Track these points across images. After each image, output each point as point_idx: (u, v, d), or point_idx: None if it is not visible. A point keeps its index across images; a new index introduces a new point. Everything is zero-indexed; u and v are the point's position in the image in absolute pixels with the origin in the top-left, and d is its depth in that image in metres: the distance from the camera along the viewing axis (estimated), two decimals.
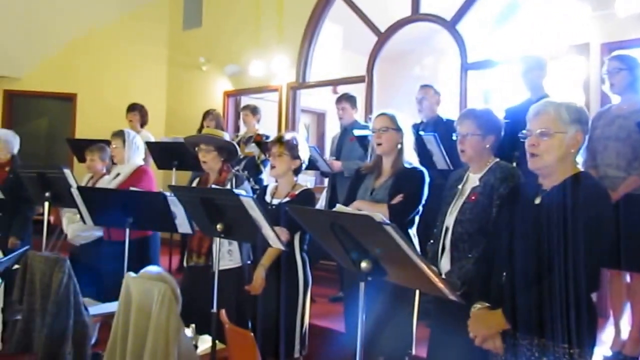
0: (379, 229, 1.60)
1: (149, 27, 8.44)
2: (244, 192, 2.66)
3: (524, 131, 2.04)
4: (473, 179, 2.59)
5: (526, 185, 2.16)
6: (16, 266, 3.23)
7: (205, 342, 3.09)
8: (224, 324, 2.64)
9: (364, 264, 1.81)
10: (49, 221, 4.22)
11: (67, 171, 3.77)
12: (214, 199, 2.71)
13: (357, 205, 3.00)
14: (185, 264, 3.79)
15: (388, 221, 1.61)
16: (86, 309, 3.37)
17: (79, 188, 3.61)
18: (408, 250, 1.60)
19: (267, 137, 5.78)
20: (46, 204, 3.98)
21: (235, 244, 3.60)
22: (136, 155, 4.38)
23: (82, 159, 4.99)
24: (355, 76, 6.56)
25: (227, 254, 3.63)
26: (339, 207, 1.99)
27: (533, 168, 2.04)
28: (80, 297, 3.31)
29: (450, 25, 5.64)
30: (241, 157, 5.72)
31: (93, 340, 3.54)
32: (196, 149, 3.79)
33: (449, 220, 2.56)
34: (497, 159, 2.60)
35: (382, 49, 6.27)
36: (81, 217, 3.64)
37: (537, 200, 2.01)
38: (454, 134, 2.63)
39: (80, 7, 7.94)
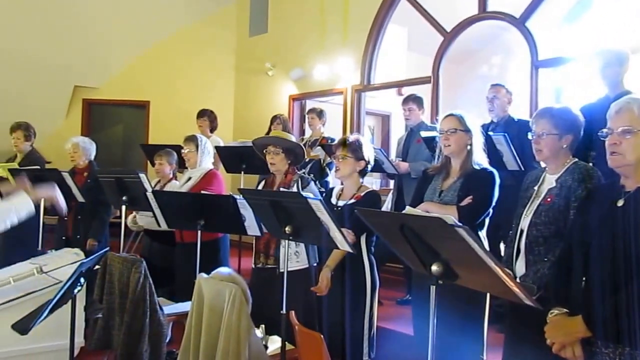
0: (451, 231, 1.57)
1: (216, 34, 8.68)
2: (312, 195, 2.67)
3: (604, 129, 1.96)
4: (549, 180, 2.50)
5: (607, 187, 2.07)
6: (97, 267, 3.37)
7: (274, 343, 3.13)
8: (294, 325, 2.66)
9: (434, 267, 1.77)
10: (125, 224, 4.41)
11: (142, 176, 3.90)
12: (282, 201, 2.73)
13: (424, 207, 2.95)
14: (252, 265, 3.86)
15: (460, 224, 1.57)
16: (161, 308, 3.47)
17: (154, 192, 3.74)
18: (482, 254, 1.57)
19: (332, 140, 5.80)
20: (123, 207, 4.15)
21: (302, 245, 3.63)
22: (207, 160, 4.50)
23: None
24: (421, 77, 6.49)
25: (294, 256, 3.66)
26: (409, 210, 1.97)
27: (614, 167, 1.95)
28: (156, 297, 3.41)
29: (520, 22, 5.48)
30: (307, 160, 5.77)
31: (167, 339, 3.64)
32: (264, 151, 3.86)
33: (524, 223, 2.48)
34: (576, 159, 2.50)
35: (448, 49, 6.17)
36: (156, 219, 3.76)
37: (620, 202, 1.91)
38: (529, 133, 2.55)
39: (152, 20, 8.27)
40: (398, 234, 1.79)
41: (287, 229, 2.75)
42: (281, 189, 3.70)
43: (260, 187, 3.93)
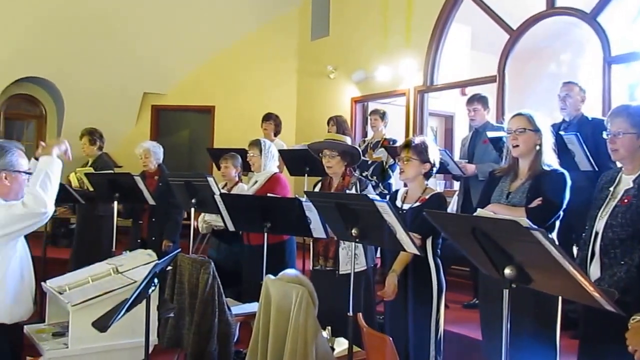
0: (526, 234, 1.54)
1: (279, 39, 8.81)
2: (378, 197, 2.67)
3: None
4: (626, 181, 2.40)
5: None
6: (169, 267, 3.48)
7: (340, 345, 3.14)
8: (361, 327, 2.66)
9: (507, 271, 1.74)
10: (194, 226, 4.52)
11: (210, 179, 3.99)
12: (349, 204, 2.74)
13: (492, 208, 2.88)
14: (311, 267, 3.87)
15: (536, 226, 1.54)
16: (229, 308, 3.55)
17: (221, 195, 3.82)
18: (559, 257, 1.52)
19: (394, 142, 5.77)
20: (192, 209, 4.26)
21: (360, 247, 3.63)
22: (271, 163, 4.57)
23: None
24: (486, 76, 6.36)
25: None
26: (480, 212, 1.94)
27: None
28: (224, 298, 3.49)
29: (591, 17, 5.28)
30: (369, 162, 5.76)
31: (235, 339, 3.71)
32: (320, 154, 3.88)
33: (599, 225, 2.39)
34: None
35: (515, 47, 6.02)
36: (223, 222, 3.84)
37: None
38: (604, 133, 2.45)
39: (217, 27, 8.50)
40: (469, 237, 1.76)
41: (353, 231, 2.76)
42: (347, 190, 3.72)
43: (316, 190, 3.96)
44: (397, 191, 3.54)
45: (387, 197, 3.79)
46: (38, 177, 2.56)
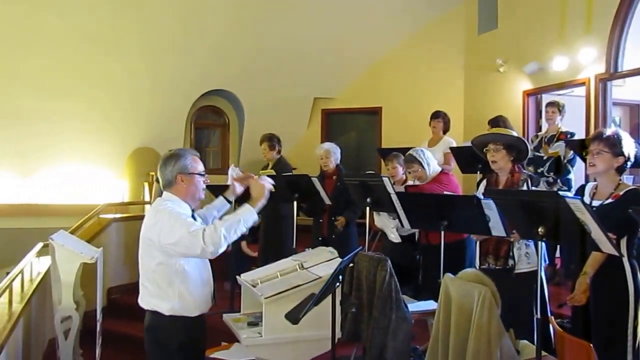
0: None
1: (445, 36, 8.71)
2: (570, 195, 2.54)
3: None
4: None
5: None
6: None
7: (524, 348, 3.03)
8: (557, 331, 2.54)
9: None
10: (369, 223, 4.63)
11: (385, 179, 4.05)
12: (536, 201, 2.64)
13: None
14: (477, 266, 3.76)
15: None
16: (406, 305, 3.59)
17: (398, 194, 3.88)
18: None
19: (572, 135, 5.43)
20: (367, 208, 4.37)
21: (531, 246, 3.47)
22: (433, 166, 4.54)
23: None
24: None
25: (524, 257, 3.55)
26: None
27: None
28: (400, 294, 3.54)
29: None
30: (544, 158, 5.47)
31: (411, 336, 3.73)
32: (484, 150, 3.75)
33: None
34: None
35: None
36: (399, 220, 3.89)
37: None
38: None
39: (382, 30, 8.65)
40: None
41: (540, 229, 2.64)
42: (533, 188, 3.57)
43: (482, 187, 3.84)
44: (583, 186, 3.34)
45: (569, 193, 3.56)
46: (231, 220, 2.59)
